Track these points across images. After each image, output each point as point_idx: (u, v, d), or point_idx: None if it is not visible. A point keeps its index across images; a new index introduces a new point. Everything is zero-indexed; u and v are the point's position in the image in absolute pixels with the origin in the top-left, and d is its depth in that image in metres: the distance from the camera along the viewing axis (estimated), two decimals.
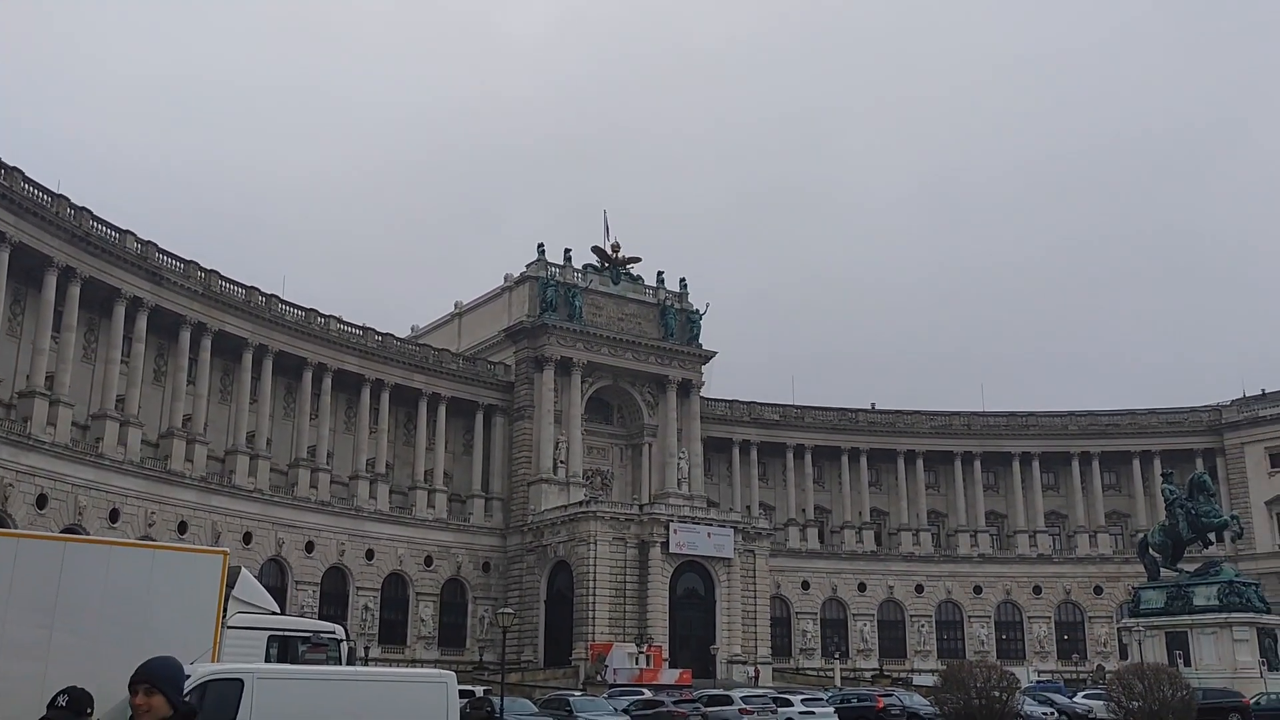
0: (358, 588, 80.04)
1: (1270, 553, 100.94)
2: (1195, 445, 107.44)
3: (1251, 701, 52.29)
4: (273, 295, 79.34)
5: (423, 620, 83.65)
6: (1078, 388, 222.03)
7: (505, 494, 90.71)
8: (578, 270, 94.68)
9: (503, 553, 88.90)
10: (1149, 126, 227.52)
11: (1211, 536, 69.38)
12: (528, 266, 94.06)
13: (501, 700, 42.74)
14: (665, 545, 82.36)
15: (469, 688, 49.85)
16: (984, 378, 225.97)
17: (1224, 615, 60.80)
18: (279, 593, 69.18)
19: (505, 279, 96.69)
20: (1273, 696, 52.91)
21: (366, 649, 75.11)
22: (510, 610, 53.30)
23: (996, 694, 43.26)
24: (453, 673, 21.77)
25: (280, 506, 76.06)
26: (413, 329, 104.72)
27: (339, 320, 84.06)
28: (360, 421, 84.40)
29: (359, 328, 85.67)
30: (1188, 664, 58.22)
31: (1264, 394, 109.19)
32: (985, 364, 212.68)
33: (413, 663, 75.57)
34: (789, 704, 49.77)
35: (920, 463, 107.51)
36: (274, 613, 29.33)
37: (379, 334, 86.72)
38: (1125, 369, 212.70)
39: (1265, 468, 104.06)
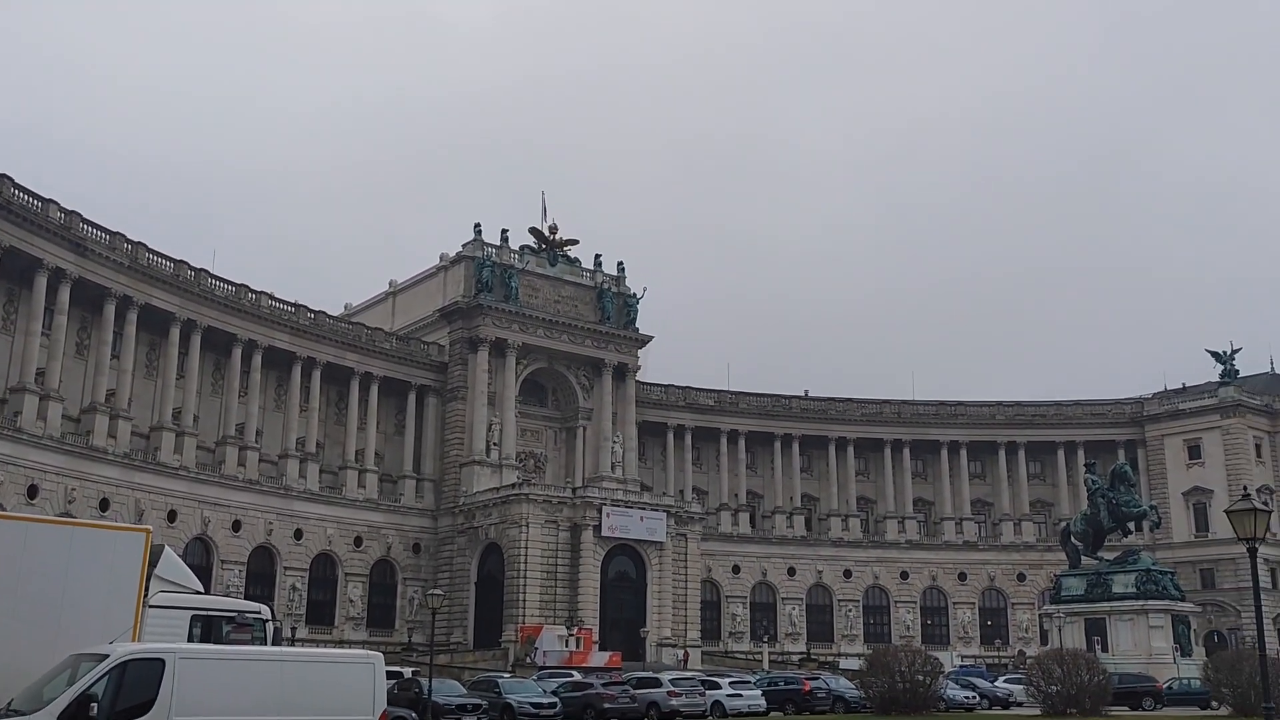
0: (285, 568, 79.01)
1: (1186, 542, 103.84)
2: (1118, 436, 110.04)
3: (1164, 686, 53.87)
4: (202, 270, 77.77)
5: (351, 601, 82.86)
6: (1006, 379, 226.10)
7: (437, 475, 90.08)
8: (514, 251, 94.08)
9: (433, 534, 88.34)
10: (1081, 120, 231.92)
11: (1131, 526, 71.14)
12: (464, 246, 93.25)
13: (430, 681, 42.48)
14: (598, 528, 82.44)
15: (397, 669, 49.52)
16: (915, 367, 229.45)
17: (1141, 603, 62.42)
18: (204, 572, 68.18)
19: (441, 258, 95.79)
20: (1184, 681, 54.53)
21: (293, 629, 74.19)
22: (440, 592, 53.02)
23: (920, 678, 44.02)
24: (380, 654, 21.61)
25: (207, 485, 74.74)
26: (346, 307, 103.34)
27: (270, 297, 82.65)
28: (290, 400, 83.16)
29: (291, 305, 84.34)
30: (1105, 649, 59.73)
31: (1184, 388, 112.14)
32: (917, 354, 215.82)
33: (341, 643, 74.83)
34: (717, 686, 50.14)
35: (851, 450, 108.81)
36: (198, 592, 28.85)
37: (311, 311, 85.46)
38: (1052, 361, 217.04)
39: (1183, 459, 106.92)
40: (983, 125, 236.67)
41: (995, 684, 60.56)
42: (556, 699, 45.58)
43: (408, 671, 50.72)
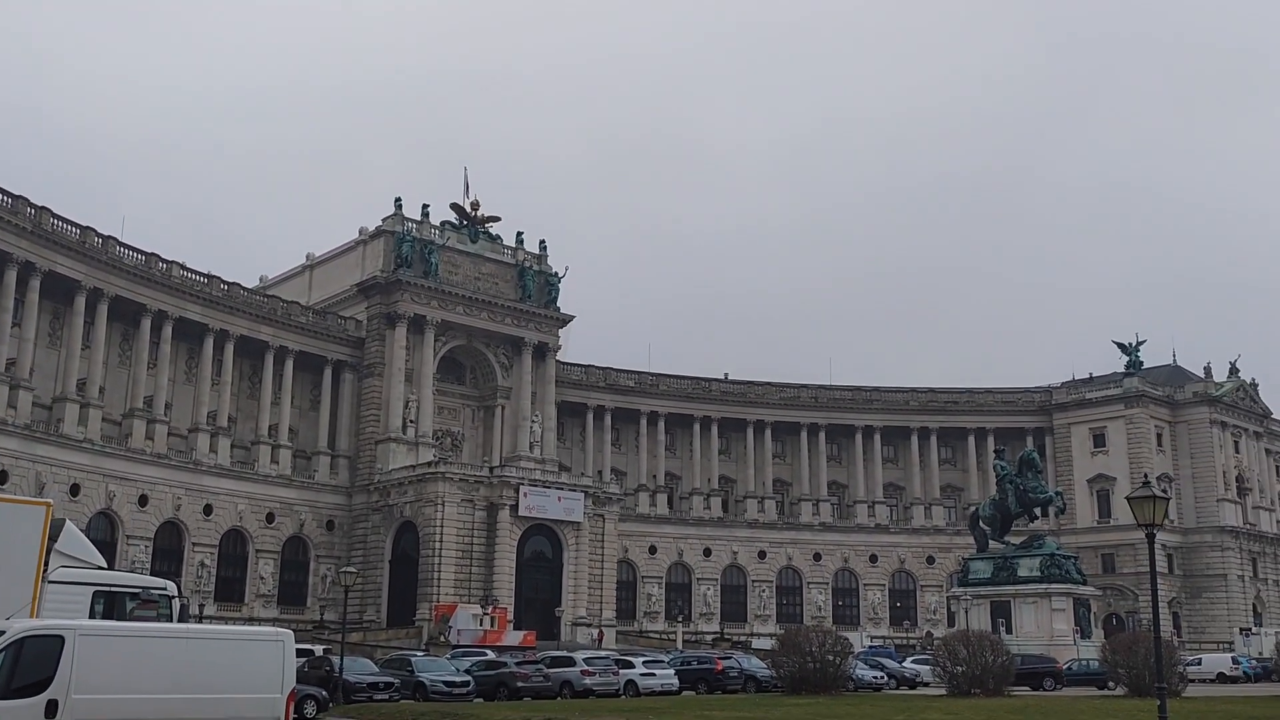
0: (194, 544, 77.38)
1: (1089, 528, 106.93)
2: (1026, 424, 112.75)
3: (1064, 667, 55.45)
4: (110, 237, 75.47)
5: (262, 578, 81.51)
6: (920, 366, 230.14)
7: (352, 452, 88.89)
8: (435, 227, 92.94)
9: (348, 511, 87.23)
10: (994, 118, 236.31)
11: (1037, 511, 72.93)
12: (384, 221, 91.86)
13: (341, 659, 42.00)
14: (515, 508, 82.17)
15: (308, 646, 48.98)
16: (833, 353, 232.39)
17: (1044, 586, 64.06)
18: (108, 548, 66.49)
19: (360, 232, 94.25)
20: (1083, 662, 56.19)
21: (201, 606, 72.85)
22: (353, 569, 52.25)
23: (830, 658, 44.65)
24: (290, 631, 21.26)
25: (112, 458, 72.76)
26: (261, 279, 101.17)
27: (182, 267, 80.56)
28: (202, 373, 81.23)
29: (203, 275, 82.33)
30: (1009, 631, 61.17)
31: (1091, 378, 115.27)
32: (835, 340, 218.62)
33: (250, 621, 73.59)
34: (631, 666, 50.30)
35: (769, 433, 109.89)
36: (101, 568, 28.17)
37: (225, 283, 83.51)
38: (966, 350, 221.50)
39: (1089, 447, 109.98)
40: (898, 121, 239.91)
41: (903, 664, 61.78)
42: (470, 677, 45.37)
43: (319, 649, 50.11)
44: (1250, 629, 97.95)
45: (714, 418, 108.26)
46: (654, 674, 49.64)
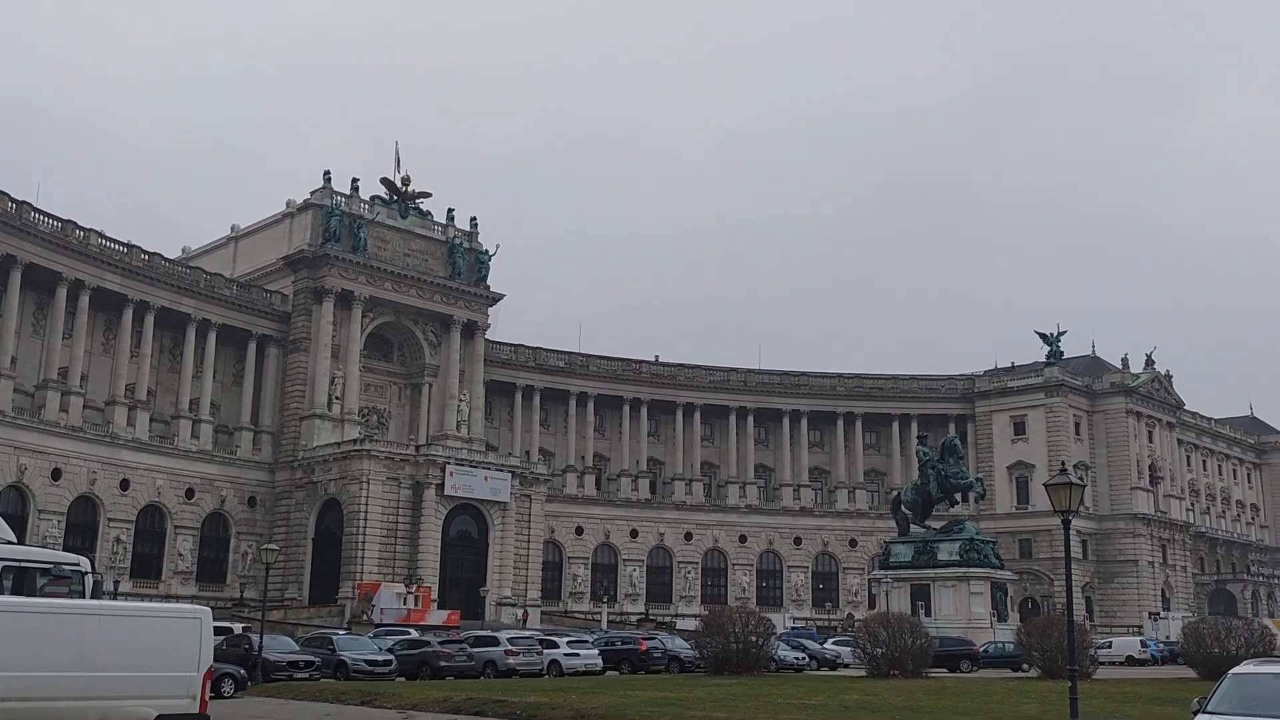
0: (110, 519, 75.61)
1: (1008, 513, 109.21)
2: (949, 411, 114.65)
3: (981, 649, 56.61)
4: (24, 202, 73.07)
5: (180, 555, 79.95)
6: (848, 352, 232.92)
7: (276, 428, 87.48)
8: (365, 201, 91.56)
9: (270, 488, 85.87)
10: (928, 107, 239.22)
11: (958, 497, 74.31)
12: (312, 194, 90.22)
13: (261, 637, 41.37)
14: (441, 487, 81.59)
15: (226, 624, 48.25)
16: (763, 338, 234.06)
17: (963, 570, 65.30)
18: (19, 522, 64.58)
19: (287, 205, 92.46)
20: (999, 645, 57.40)
21: (116, 583, 71.26)
22: (275, 547, 51.55)
23: (753, 639, 45.01)
24: (208, 609, 20.80)
25: (24, 430, 70.69)
26: (184, 250, 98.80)
27: (100, 235, 78.36)
28: (120, 345, 79.20)
29: (123, 244, 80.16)
30: (929, 614, 62.26)
31: (1013, 366, 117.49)
32: (765, 325, 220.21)
33: (168, 598, 72.11)
34: (555, 646, 50.30)
35: (698, 415, 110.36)
36: (10, 542, 27.40)
37: (145, 252, 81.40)
38: (893, 338, 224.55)
39: (1009, 435, 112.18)
40: (836, 115, 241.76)
41: (824, 646, 62.57)
42: (392, 656, 45.00)
43: (238, 627, 49.36)
44: (1159, 613, 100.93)
45: (643, 400, 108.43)
46: (578, 654, 49.72)
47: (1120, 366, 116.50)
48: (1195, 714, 14.43)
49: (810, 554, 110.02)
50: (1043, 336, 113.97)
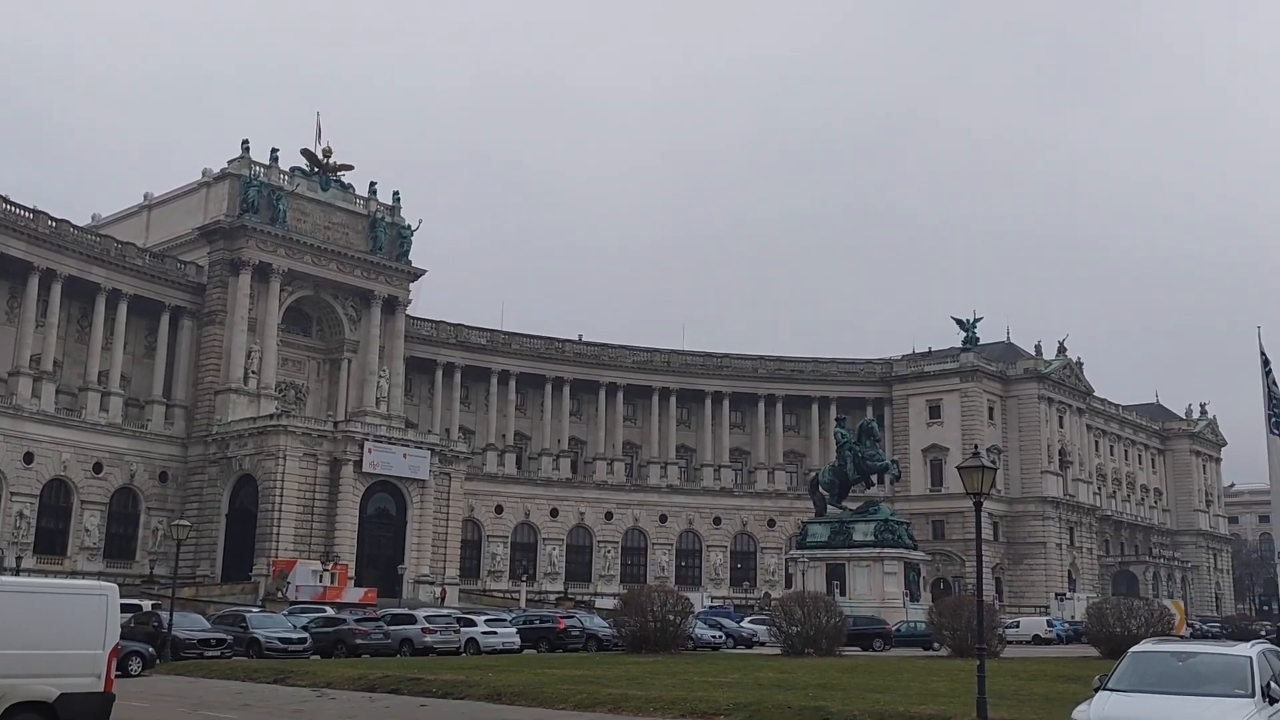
0: (12, 493, 73.38)
1: (922, 495, 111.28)
2: (868, 394, 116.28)
3: (894, 628, 57.67)
4: None
5: (87, 530, 77.91)
6: (770, 335, 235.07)
7: (190, 402, 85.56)
8: (284, 172, 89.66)
9: (183, 463, 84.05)
10: (854, 101, 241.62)
11: (874, 478, 75.49)
12: (229, 163, 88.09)
13: (171, 615, 40.53)
14: (359, 464, 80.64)
15: (135, 601, 47.22)
16: (687, 319, 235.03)
17: (878, 550, 66.40)
18: None
19: (204, 174, 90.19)
20: (911, 624, 58.53)
21: (19, 559, 69.33)
22: (186, 523, 50.28)
23: (671, 617, 45.31)
24: (115, 585, 20.26)
25: None
26: (94, 218, 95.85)
27: (4, 200, 75.73)
28: (25, 314, 76.67)
29: (29, 210, 77.54)
30: (844, 593, 63.23)
31: (930, 352, 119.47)
32: (689, 306, 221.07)
33: (73, 574, 70.24)
34: (473, 624, 50.14)
35: (620, 395, 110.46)
36: None
37: (53, 219, 78.83)
38: (814, 321, 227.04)
39: (925, 418, 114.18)
40: (761, 99, 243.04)
41: (741, 624, 63.21)
42: (307, 634, 44.40)
43: (147, 604, 48.33)
44: (1065, 594, 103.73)
45: (566, 379, 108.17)
46: (496, 632, 49.63)
47: (1034, 353, 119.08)
48: (1096, 690, 14.82)
49: (729, 534, 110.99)
50: (959, 323, 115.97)
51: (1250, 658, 14.63)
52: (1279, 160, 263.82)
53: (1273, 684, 14.35)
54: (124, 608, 46.63)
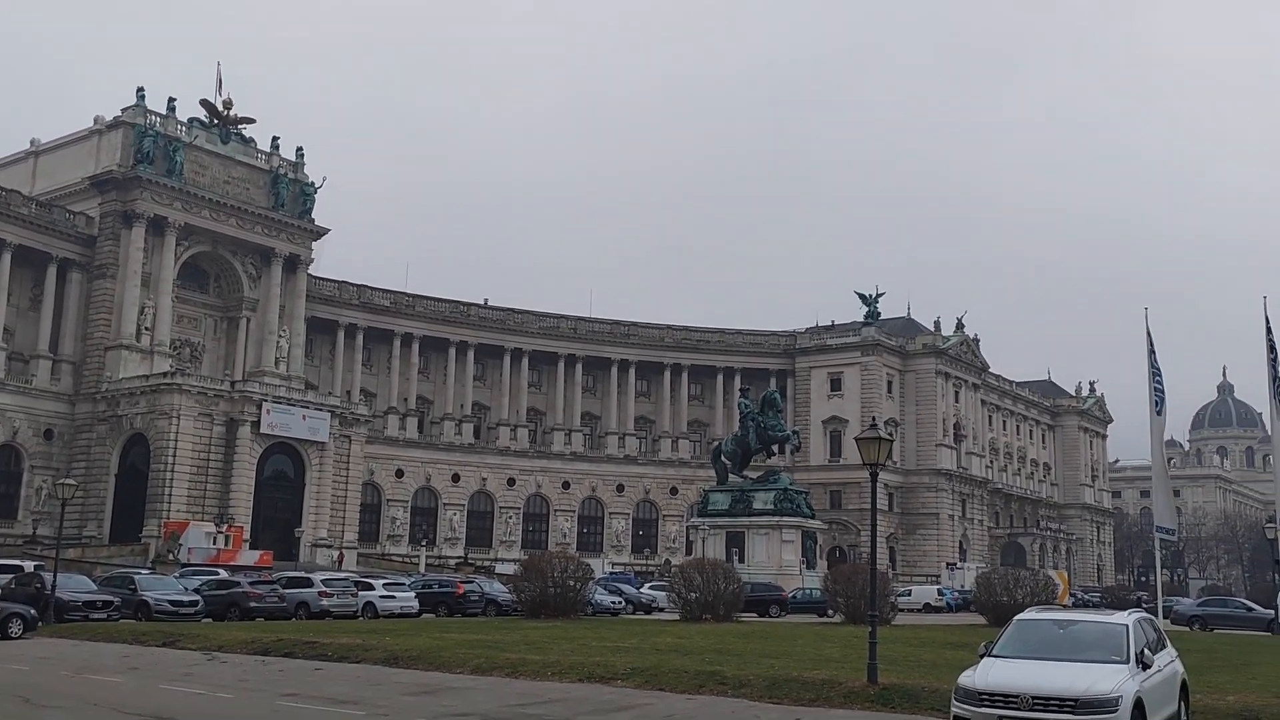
0: None
1: (822, 465, 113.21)
2: (771, 365, 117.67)
3: (790, 595, 58.68)
4: None
5: None
6: (677, 304, 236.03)
7: (78, 358, 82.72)
8: (182, 123, 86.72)
9: (70, 420, 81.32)
10: (764, 72, 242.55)
11: (775, 448, 76.47)
12: (123, 111, 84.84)
13: (54, 576, 39.27)
14: (256, 425, 78.95)
15: (16, 562, 45.81)
16: (594, 285, 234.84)
17: (777, 519, 67.34)
18: None
19: (95, 121, 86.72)
20: (807, 591, 59.64)
21: None
22: (73, 482, 48.68)
23: (571, 583, 45.41)
24: None
25: None
26: None
27: None
28: None
29: None
30: (742, 561, 64.03)
31: (833, 325, 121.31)
32: (597, 273, 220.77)
33: None
34: (371, 588, 49.66)
35: (525, 361, 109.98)
36: None
37: None
38: (721, 292, 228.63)
39: (826, 390, 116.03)
40: (672, 70, 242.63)
41: (641, 591, 63.73)
42: (199, 597, 43.44)
43: (29, 565, 46.79)
44: (956, 564, 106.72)
45: (471, 343, 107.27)
46: (394, 596, 49.25)
47: (932, 329, 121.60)
48: (982, 657, 15.25)
49: (632, 501, 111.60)
50: (862, 297, 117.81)
51: (1126, 626, 15.19)
52: (1170, 152, 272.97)
53: (1146, 650, 14.93)
54: (4, 568, 45.44)
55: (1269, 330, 50.81)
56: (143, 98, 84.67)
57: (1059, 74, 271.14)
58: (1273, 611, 52.94)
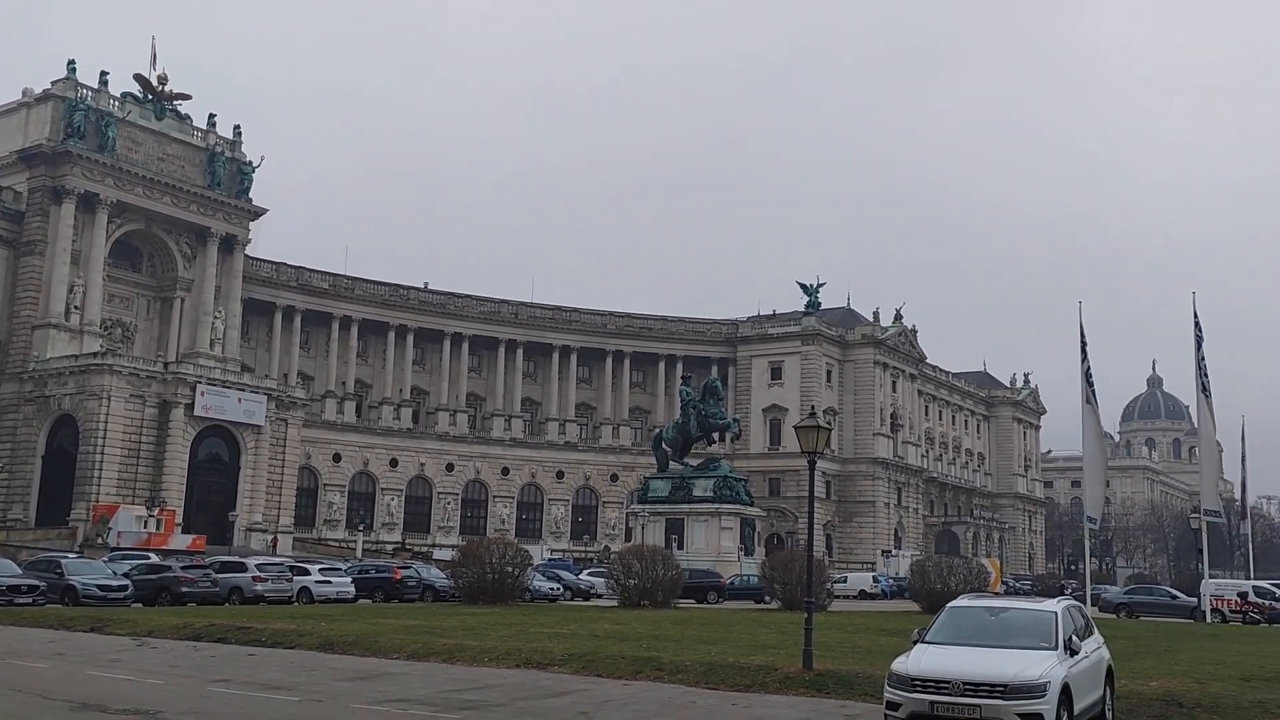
0: None
1: (761, 453, 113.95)
2: (713, 354, 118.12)
3: (728, 582, 59.01)
4: None
5: None
6: (619, 291, 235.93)
7: (4, 337, 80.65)
8: (115, 98, 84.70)
9: None
10: (713, 67, 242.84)
11: (716, 436, 76.81)
12: (53, 84, 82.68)
13: None
14: (190, 407, 77.65)
15: None
16: (536, 271, 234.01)
17: (716, 506, 67.66)
18: None
19: (24, 94, 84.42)
20: (745, 577, 60.02)
21: None
22: None
23: (510, 569, 45.25)
24: None
25: None
26: None
27: None
28: None
29: None
30: (681, 547, 64.27)
31: (774, 314, 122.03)
32: (540, 259, 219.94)
33: None
34: (306, 573, 49.05)
35: (465, 346, 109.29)
36: None
37: None
38: (665, 280, 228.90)
39: (766, 379, 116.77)
40: (624, 63, 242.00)
41: (580, 577, 63.67)
42: (128, 581, 42.59)
43: None
44: (891, 551, 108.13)
45: (410, 327, 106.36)
46: (330, 582, 48.69)
47: (871, 320, 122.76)
48: (915, 643, 15.42)
49: (572, 488, 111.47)
50: (803, 287, 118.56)
51: (1056, 613, 15.46)
52: (1107, 150, 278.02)
53: (1074, 637, 15.22)
54: None
55: (1197, 325, 52.13)
56: (74, 71, 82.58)
57: (998, 71, 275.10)
58: (1195, 599, 54.30)
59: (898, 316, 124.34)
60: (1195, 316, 52.28)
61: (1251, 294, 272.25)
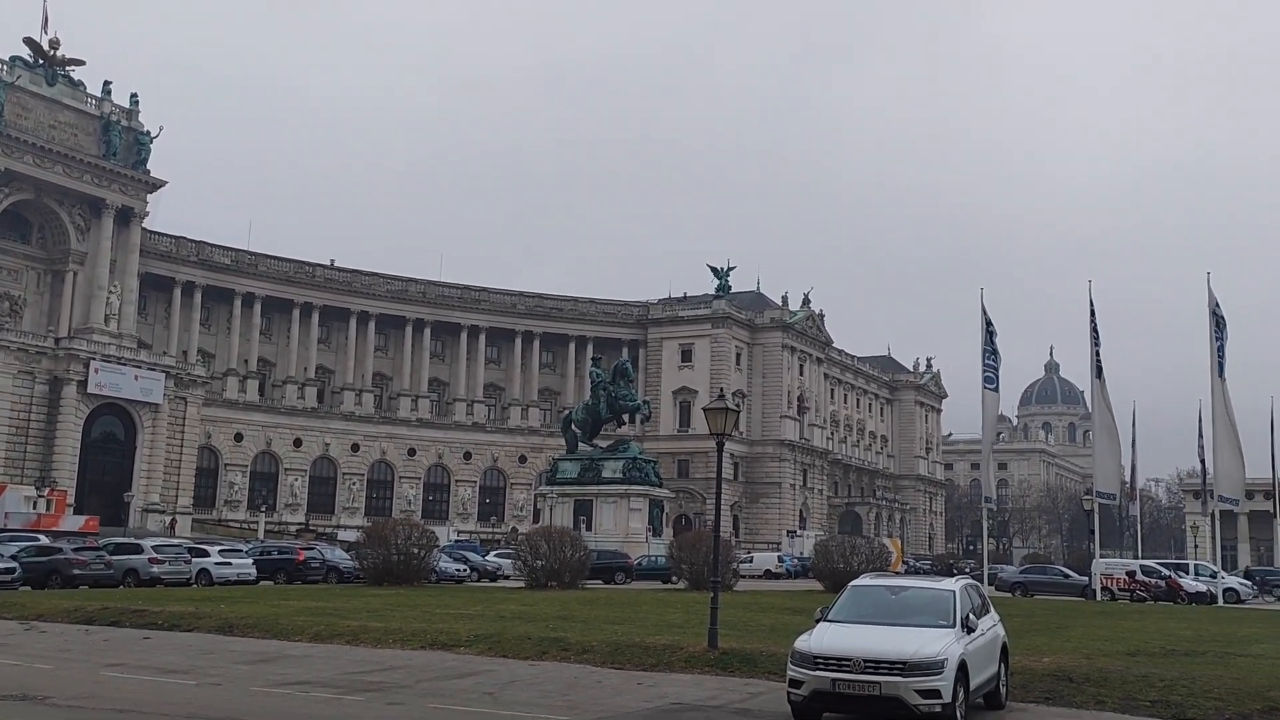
0: None
1: (671, 435, 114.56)
2: (624, 336, 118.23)
3: (636, 562, 59.32)
4: None
5: None
6: (530, 271, 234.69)
7: None
8: (3, 61, 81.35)
9: None
10: (625, 50, 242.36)
11: (626, 418, 76.99)
12: None
13: None
14: (83, 384, 75.33)
15: None
16: (445, 249, 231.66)
17: (625, 487, 67.87)
18: None
19: None
20: (653, 558, 60.36)
21: None
22: None
23: (415, 551, 44.85)
24: None
25: None
26: None
27: None
28: None
29: None
30: (590, 529, 64.36)
31: (685, 297, 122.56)
32: (448, 237, 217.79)
33: None
34: (205, 554, 48.01)
35: (372, 324, 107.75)
36: None
37: None
38: (576, 261, 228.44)
39: (677, 362, 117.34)
40: (534, 23, 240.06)
41: (487, 558, 63.42)
42: (16, 564, 41.20)
43: None
44: (796, 531, 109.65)
45: (315, 304, 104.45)
46: (230, 563, 47.76)
47: (780, 304, 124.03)
48: (817, 621, 15.65)
49: (480, 469, 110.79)
50: (714, 270, 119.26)
51: (954, 592, 15.81)
52: (1008, 142, 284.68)
53: (971, 615, 15.59)
54: None
55: (1093, 313, 53.84)
56: None
57: (903, 62, 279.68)
58: (1087, 579, 56.15)
59: (806, 301, 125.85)
60: (1091, 304, 54.00)
61: (1144, 283, 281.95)
